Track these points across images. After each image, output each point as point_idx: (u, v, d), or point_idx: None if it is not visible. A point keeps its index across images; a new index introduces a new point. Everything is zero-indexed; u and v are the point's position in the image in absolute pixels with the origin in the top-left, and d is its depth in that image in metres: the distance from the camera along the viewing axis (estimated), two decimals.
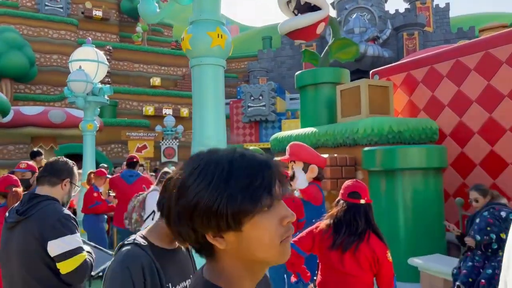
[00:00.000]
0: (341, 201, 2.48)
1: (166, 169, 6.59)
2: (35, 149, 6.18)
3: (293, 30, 7.11)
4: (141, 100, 20.11)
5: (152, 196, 4.23)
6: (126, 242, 1.33)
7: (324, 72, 7.55)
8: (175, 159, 18.14)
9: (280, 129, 18.76)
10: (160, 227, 1.37)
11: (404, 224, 5.20)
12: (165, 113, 19.90)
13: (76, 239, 1.95)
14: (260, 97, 19.97)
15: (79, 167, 6.79)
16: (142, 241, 1.32)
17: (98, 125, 6.44)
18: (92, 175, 5.19)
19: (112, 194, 5.49)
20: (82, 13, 21.79)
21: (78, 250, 1.93)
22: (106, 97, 6.37)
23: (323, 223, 2.50)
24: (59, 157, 2.18)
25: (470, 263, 3.55)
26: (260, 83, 23.88)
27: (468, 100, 5.80)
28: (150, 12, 2.45)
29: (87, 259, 1.98)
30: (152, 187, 4.41)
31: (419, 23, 21.34)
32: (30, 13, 19.50)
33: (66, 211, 2.00)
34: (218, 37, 2.24)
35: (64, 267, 1.90)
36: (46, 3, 20.09)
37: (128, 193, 4.93)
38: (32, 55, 17.57)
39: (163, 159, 18.11)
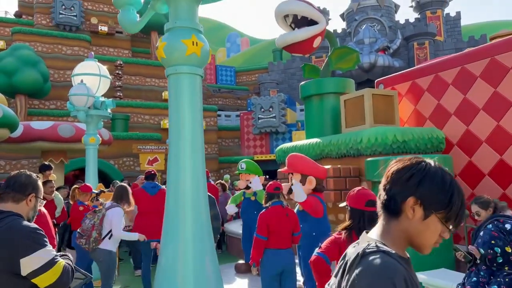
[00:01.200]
0: (357, 210, 2.40)
1: (117, 182, 6.62)
2: (46, 163, 6.23)
3: (290, 44, 7.12)
4: (152, 113, 20.28)
5: (113, 212, 4.16)
6: (369, 250, 1.07)
7: (328, 82, 7.48)
8: None
9: (290, 140, 18.65)
10: (394, 230, 1.13)
11: None
12: None
13: (49, 251, 1.89)
14: (271, 109, 19.95)
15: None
16: (387, 249, 1.08)
17: (100, 139, 6.46)
18: (76, 191, 5.17)
19: (101, 200, 5.45)
20: (92, 31, 22.25)
21: (55, 259, 1.87)
22: (109, 110, 6.40)
23: (343, 233, 2.40)
24: (22, 171, 2.09)
25: (474, 279, 3.38)
26: (271, 95, 23.93)
27: (475, 108, 5.65)
28: (130, 22, 2.43)
29: (65, 265, 1.92)
30: (108, 203, 4.34)
31: (430, 33, 21.14)
32: (44, 30, 19.96)
33: (33, 224, 1.94)
34: (193, 44, 2.19)
35: (44, 281, 1.83)
36: (61, 12, 20.54)
37: (152, 204, 4.98)
38: (46, 71, 17.92)
39: None
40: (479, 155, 5.57)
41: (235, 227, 8.04)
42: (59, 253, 1.99)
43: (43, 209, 3.35)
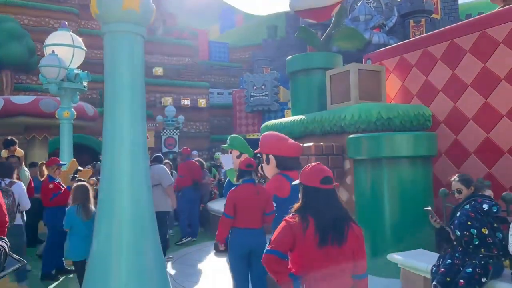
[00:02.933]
0: (311, 188, 2.14)
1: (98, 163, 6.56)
2: (9, 138, 5.99)
3: (310, 9, 6.78)
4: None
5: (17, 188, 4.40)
6: None
7: (315, 57, 7.21)
8: (176, 149, 17.98)
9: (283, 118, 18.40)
10: None
11: (390, 216, 4.90)
12: (183, 104, 19.77)
13: None
14: (263, 87, 19.61)
15: (77, 158, 6.56)
16: None
17: (75, 114, 6.21)
18: (43, 167, 4.97)
19: (77, 178, 5.27)
20: (81, 4, 21.57)
21: None
22: (84, 83, 6.14)
23: (296, 218, 2.12)
24: None
25: (449, 261, 3.24)
26: (264, 72, 23.52)
27: (463, 85, 5.43)
28: None
29: None
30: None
31: (427, 10, 20.63)
32: (30, 2, 19.35)
33: None
34: None
35: None
36: None
37: None
38: (32, 45, 17.45)
39: (164, 149, 17.96)
40: (466, 133, 5.38)
41: (218, 206, 7.89)
42: None
43: None
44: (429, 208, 3.46)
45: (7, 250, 1.82)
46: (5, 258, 1.80)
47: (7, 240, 1.88)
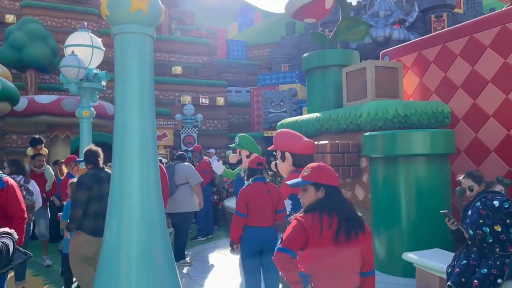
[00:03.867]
0: (332, 188, 2.15)
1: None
2: (36, 137, 6.17)
3: (303, 7, 6.75)
4: (162, 88, 20.14)
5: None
6: None
7: (332, 54, 7.15)
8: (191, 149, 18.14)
9: (301, 115, 18.30)
10: None
11: (407, 215, 4.83)
12: (202, 102, 19.95)
13: None
14: (281, 103, 19.56)
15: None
16: None
17: (95, 112, 6.34)
18: (63, 165, 5.08)
19: None
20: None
21: None
22: (103, 83, 6.26)
23: (310, 217, 2.12)
24: None
25: (464, 261, 3.18)
26: (282, 70, 23.47)
27: (483, 80, 5.30)
28: None
29: None
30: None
31: (449, 5, 20.16)
32: (53, 4, 19.82)
33: None
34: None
35: None
36: None
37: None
38: (55, 46, 17.88)
39: (183, 147, 18.14)
40: (486, 131, 5.26)
41: (234, 203, 7.93)
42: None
43: (12, 182, 3.26)
44: (446, 211, 3.39)
45: (10, 247, 1.85)
46: (7, 255, 1.82)
47: (15, 236, 1.91)
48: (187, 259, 5.92)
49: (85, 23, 6.65)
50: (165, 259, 2.26)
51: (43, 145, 6.04)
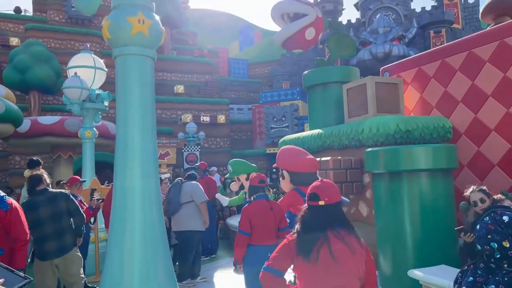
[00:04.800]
0: (308, 205, 2.17)
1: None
2: (34, 158, 6.19)
3: (286, 40, 7.05)
4: (164, 107, 20.28)
5: None
6: None
7: (332, 71, 7.23)
8: (197, 165, 18.12)
9: (303, 132, 18.33)
10: None
11: (411, 231, 4.78)
12: (203, 120, 20.02)
13: None
14: (283, 118, 19.69)
15: (101, 176, 6.71)
16: None
17: (97, 133, 6.38)
18: (65, 186, 5.09)
19: (96, 197, 5.38)
20: None
21: None
22: (106, 103, 6.31)
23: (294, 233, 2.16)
24: None
25: (471, 278, 3.13)
26: (283, 87, 23.61)
27: (483, 95, 5.32)
28: (86, 1, 2.26)
29: None
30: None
31: (447, 20, 20.40)
32: (57, 26, 20.15)
33: None
34: (140, 22, 2.01)
35: None
36: (73, 5, 20.60)
37: None
38: (58, 67, 18.11)
39: (186, 165, 18.14)
40: (488, 145, 5.25)
41: (236, 221, 7.89)
42: None
43: (16, 204, 3.26)
44: (461, 226, 3.36)
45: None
46: None
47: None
48: (198, 279, 5.85)
49: (88, 45, 6.76)
50: (166, 277, 2.24)
51: (40, 166, 6.05)
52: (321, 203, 2.09)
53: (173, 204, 5.80)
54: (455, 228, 3.33)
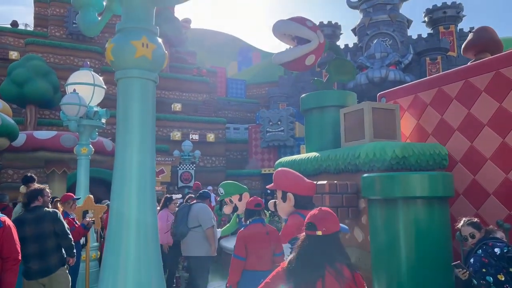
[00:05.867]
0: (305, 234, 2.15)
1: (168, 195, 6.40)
2: (28, 175, 6.13)
3: (286, 63, 7.14)
4: (160, 125, 20.29)
5: None
6: None
7: (329, 95, 7.27)
8: (192, 184, 18.04)
9: (299, 154, 18.38)
10: None
11: (406, 258, 4.73)
12: (192, 138, 19.98)
13: None
14: (279, 122, 19.82)
15: (95, 192, 6.61)
16: None
17: (93, 149, 6.35)
18: (58, 204, 5.03)
19: (90, 216, 5.32)
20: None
21: None
22: (103, 120, 6.31)
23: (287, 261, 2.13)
24: None
25: None
26: (280, 108, 23.78)
27: (479, 124, 5.37)
28: (89, 23, 2.29)
29: None
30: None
31: (443, 48, 20.81)
32: (57, 42, 20.30)
33: None
34: (144, 46, 2.03)
35: None
36: (74, 22, 20.80)
37: None
38: (56, 82, 18.18)
39: (180, 184, 18.04)
40: (484, 173, 5.27)
41: (230, 243, 7.80)
42: None
43: (9, 222, 3.21)
44: (457, 262, 3.34)
45: None
46: None
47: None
48: None
49: (88, 62, 6.79)
50: None
51: (35, 182, 5.99)
52: (319, 233, 2.06)
53: (180, 228, 5.53)
54: (452, 264, 3.31)
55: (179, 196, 7.33)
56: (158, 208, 4.90)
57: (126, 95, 2.12)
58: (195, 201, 5.97)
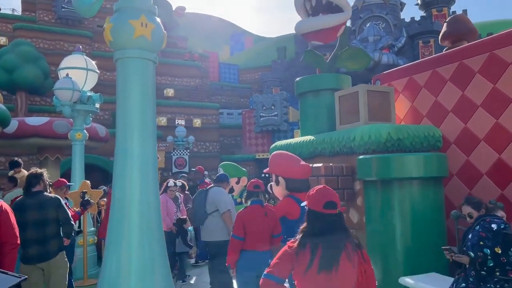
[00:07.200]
0: (314, 212, 2.12)
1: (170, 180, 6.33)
2: (15, 159, 6.10)
3: (312, 31, 6.90)
4: None
5: None
6: None
7: (324, 78, 7.26)
8: (186, 169, 18.05)
9: (293, 138, 18.40)
10: None
11: (401, 238, 4.82)
12: (178, 124, 19.85)
13: None
14: (272, 107, 19.77)
15: (89, 178, 6.56)
16: None
17: (87, 135, 6.31)
18: (51, 189, 5.01)
19: (87, 198, 5.30)
20: (99, 26, 22.11)
21: None
22: (97, 105, 6.25)
23: (296, 241, 2.11)
24: None
25: (463, 285, 3.17)
26: (274, 93, 23.71)
27: (473, 105, 5.41)
28: (86, 4, 2.24)
29: None
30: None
31: (435, 31, 20.75)
32: (46, 26, 19.93)
33: None
34: (143, 26, 2.00)
35: None
36: (63, 5, 20.39)
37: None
38: (46, 68, 17.88)
39: (174, 169, 18.03)
40: (477, 154, 5.33)
41: None
42: None
43: (6, 206, 3.20)
44: (448, 247, 3.42)
45: None
46: None
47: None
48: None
49: (80, 46, 6.69)
50: (163, 284, 2.22)
51: (21, 167, 5.95)
52: (339, 211, 2.09)
53: (199, 214, 5.39)
54: (442, 247, 3.39)
55: (179, 183, 7.27)
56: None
57: (125, 76, 2.10)
58: (212, 185, 5.82)
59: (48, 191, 4.10)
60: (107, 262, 2.22)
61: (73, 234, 4.30)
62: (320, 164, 5.69)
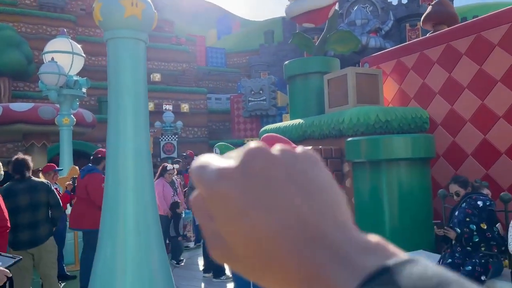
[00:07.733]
0: None
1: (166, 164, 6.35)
2: None
3: (303, 13, 6.85)
4: None
5: None
6: None
7: (313, 62, 7.26)
8: (175, 154, 17.99)
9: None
10: None
11: (389, 218, 4.93)
12: (165, 109, 19.68)
13: None
14: (261, 91, 19.71)
15: (76, 165, 6.48)
16: None
17: (75, 120, 6.23)
18: (40, 174, 4.97)
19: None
20: (82, 9, 21.61)
21: None
22: (83, 90, 6.17)
23: None
24: None
25: (449, 260, 3.28)
26: (262, 77, 23.62)
27: (459, 87, 5.48)
28: None
29: None
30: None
31: (422, 14, 20.82)
32: (27, 10, 19.42)
33: None
34: (133, 5, 1.96)
35: None
36: None
37: (78, 190, 4.78)
38: (30, 53, 17.50)
39: (162, 155, 17.96)
40: (463, 135, 5.43)
41: None
42: None
43: None
44: (438, 221, 3.53)
45: None
46: None
47: None
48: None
49: (65, 30, 6.55)
50: (162, 274, 2.23)
51: None
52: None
53: None
54: (433, 221, 3.49)
55: (176, 166, 7.22)
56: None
57: (116, 56, 2.07)
58: None
59: (33, 176, 4.07)
60: (101, 249, 2.22)
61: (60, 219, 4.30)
62: (309, 147, 5.73)
